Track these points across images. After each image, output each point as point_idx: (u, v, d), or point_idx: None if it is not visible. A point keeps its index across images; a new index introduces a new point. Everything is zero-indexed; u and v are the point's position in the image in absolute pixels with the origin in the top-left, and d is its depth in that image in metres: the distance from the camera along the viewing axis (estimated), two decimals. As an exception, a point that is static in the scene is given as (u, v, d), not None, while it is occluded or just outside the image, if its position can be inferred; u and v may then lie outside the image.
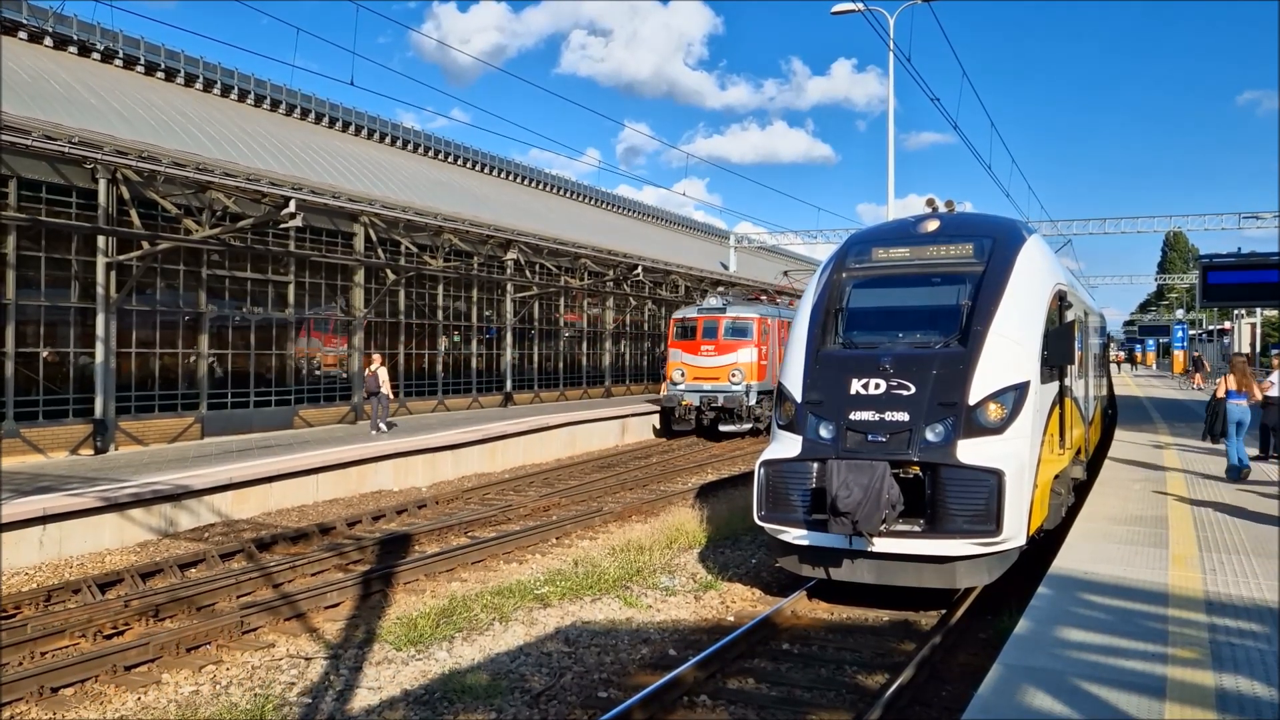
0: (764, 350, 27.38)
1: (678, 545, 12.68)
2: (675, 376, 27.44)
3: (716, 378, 26.78)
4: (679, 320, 28.44)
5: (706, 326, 27.51)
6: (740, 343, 27.04)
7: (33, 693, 7.54)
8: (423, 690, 7.58)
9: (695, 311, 28.34)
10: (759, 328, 27.28)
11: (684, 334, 27.93)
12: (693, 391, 26.97)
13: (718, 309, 27.88)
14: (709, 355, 27.02)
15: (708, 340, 27.32)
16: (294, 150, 26.00)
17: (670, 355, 28.34)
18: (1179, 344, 66.87)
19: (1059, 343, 10.01)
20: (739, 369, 26.63)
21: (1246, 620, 6.55)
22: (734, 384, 26.60)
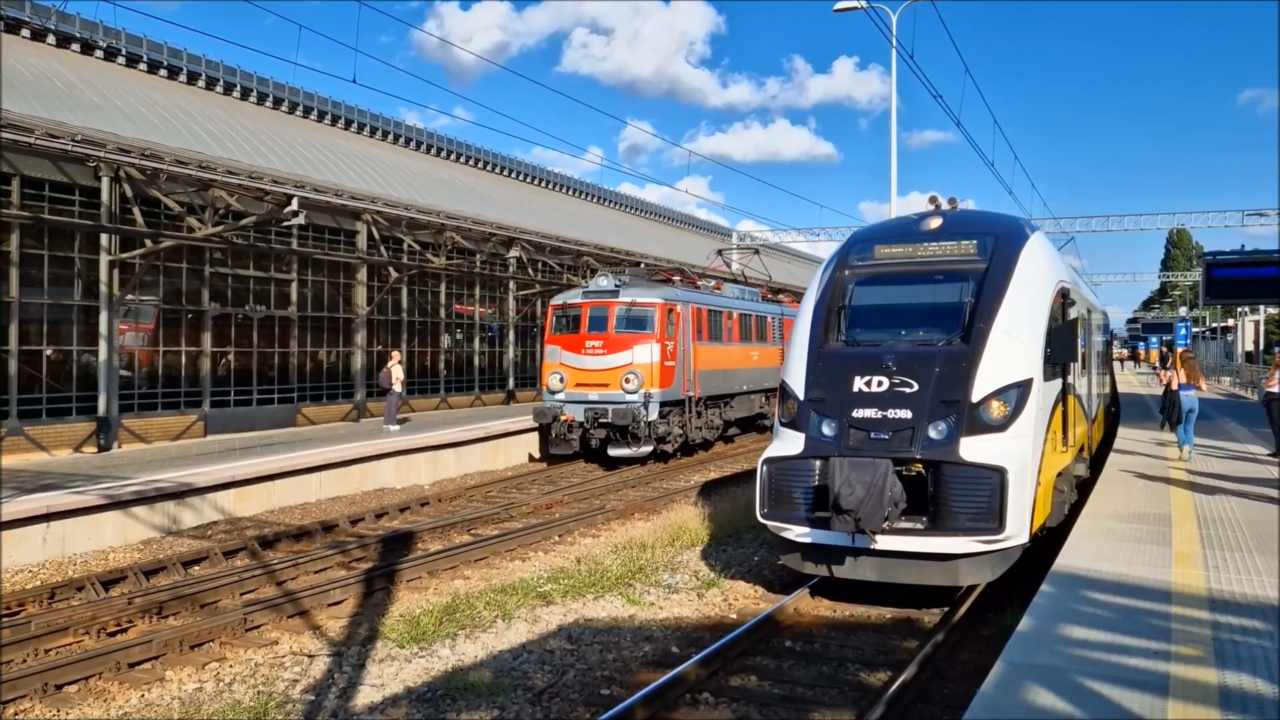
0: (671, 347, 20.83)
1: (680, 543, 12.68)
2: (553, 382, 20.79)
3: (605, 384, 20.25)
4: (559, 307, 21.57)
5: (594, 315, 20.87)
6: (638, 337, 20.34)
7: (37, 690, 7.56)
8: (426, 688, 7.58)
9: (579, 295, 21.45)
10: (662, 317, 20.57)
11: (565, 325, 21.30)
12: (575, 402, 20.48)
13: (608, 291, 20.96)
14: (596, 353, 20.47)
15: (595, 334, 20.69)
16: (296, 148, 26.01)
17: (546, 354, 21.52)
18: (1182, 341, 66.76)
19: (1062, 340, 9.99)
20: (635, 372, 20.03)
21: (1250, 618, 6.54)
22: (629, 392, 19.98)
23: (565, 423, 20.49)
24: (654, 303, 20.74)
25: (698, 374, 21.97)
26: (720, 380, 23.53)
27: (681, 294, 22.00)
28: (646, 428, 20.11)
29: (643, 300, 20.75)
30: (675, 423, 21.19)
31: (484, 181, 36.77)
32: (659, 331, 20.48)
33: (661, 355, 20.45)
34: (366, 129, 33.39)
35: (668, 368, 20.63)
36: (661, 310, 20.70)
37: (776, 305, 29.89)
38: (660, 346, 20.46)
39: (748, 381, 25.51)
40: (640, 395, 20.06)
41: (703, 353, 22.43)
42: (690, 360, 21.51)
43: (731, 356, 24.46)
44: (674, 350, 20.93)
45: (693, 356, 21.67)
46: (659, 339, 20.46)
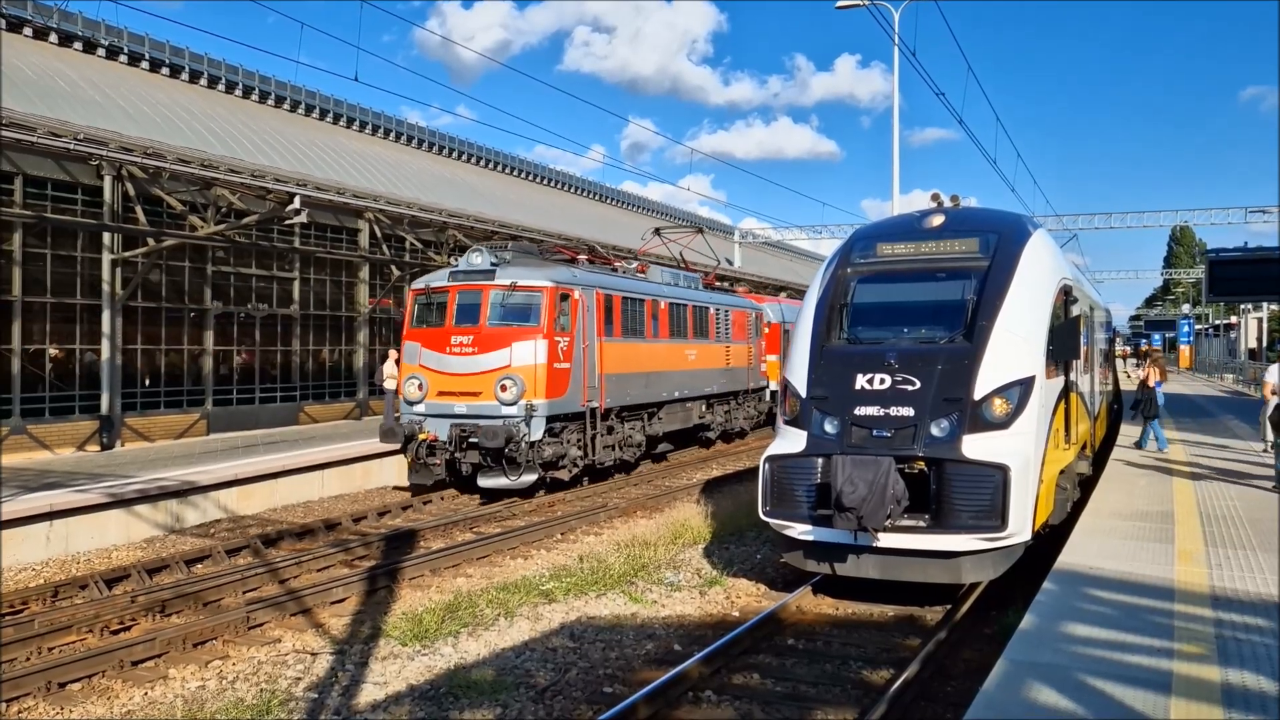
0: (565, 344, 16.19)
1: (683, 541, 12.68)
2: (410, 390, 16.08)
3: (476, 392, 15.64)
4: (421, 292, 16.83)
5: (463, 303, 16.20)
6: (519, 331, 15.74)
7: (40, 688, 7.57)
8: (428, 686, 7.59)
9: (445, 277, 16.67)
10: (551, 304, 15.86)
11: (428, 315, 16.66)
12: (438, 416, 15.86)
13: (481, 271, 16.30)
14: (464, 352, 15.84)
15: (464, 327, 16.01)
16: (298, 147, 26.03)
17: (404, 352, 16.71)
18: (1185, 339, 66.69)
19: (1064, 338, 9.98)
20: (513, 377, 15.41)
21: (1253, 615, 6.54)
22: (505, 403, 15.36)
23: (425, 443, 15.76)
24: (540, 286, 15.90)
25: (604, 379, 17.33)
26: (640, 386, 18.99)
27: (582, 276, 17.34)
28: (528, 450, 15.43)
29: (526, 283, 15.90)
30: (571, 442, 16.55)
31: (486, 180, 36.78)
32: (546, 323, 15.76)
33: (550, 354, 15.73)
34: (369, 127, 33.40)
35: (558, 371, 15.92)
36: (550, 296, 15.88)
37: (725, 295, 26.31)
38: (548, 343, 15.71)
39: (682, 387, 21.10)
40: (520, 407, 15.36)
41: (613, 351, 17.77)
42: (594, 361, 17.00)
43: (658, 356, 19.80)
44: (569, 348, 16.24)
45: (598, 356, 17.14)
46: (546, 333, 15.71)
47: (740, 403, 25.43)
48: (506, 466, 15.48)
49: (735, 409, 25.12)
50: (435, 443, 15.76)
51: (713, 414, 23.58)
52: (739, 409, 25.39)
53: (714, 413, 23.70)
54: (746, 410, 26.01)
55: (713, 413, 23.58)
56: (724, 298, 25.28)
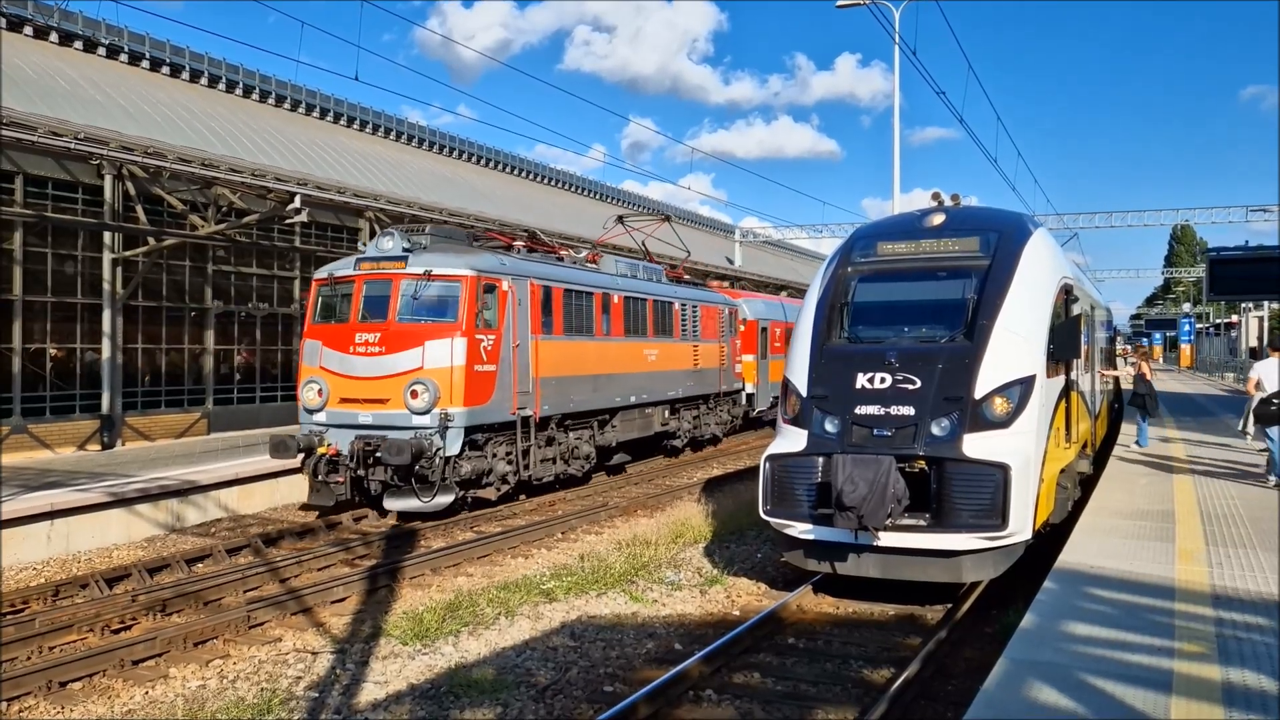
0: (490, 342, 14.08)
1: (683, 540, 12.68)
2: (309, 396, 14.05)
3: (383, 399, 13.58)
4: (324, 281, 14.64)
5: (370, 295, 14.12)
6: (434, 328, 13.64)
7: (41, 687, 7.57)
8: (429, 685, 7.59)
9: (350, 266, 14.52)
10: (471, 296, 13.78)
11: (332, 309, 14.46)
12: (341, 426, 13.77)
13: (392, 257, 14.18)
14: (370, 352, 13.68)
15: (370, 323, 13.92)
16: (299, 146, 26.03)
17: (304, 352, 14.56)
18: (1186, 338, 66.69)
19: (1065, 337, 9.98)
20: (426, 381, 13.36)
21: (1253, 615, 6.53)
22: (416, 411, 13.38)
23: (325, 458, 13.51)
24: (459, 275, 13.74)
25: (541, 383, 15.29)
26: (587, 391, 16.99)
27: (514, 264, 15.12)
28: (444, 466, 13.40)
29: (443, 271, 13.76)
30: (499, 455, 14.57)
31: (487, 179, 36.78)
32: (466, 318, 13.63)
33: (470, 354, 13.58)
34: (369, 126, 33.41)
35: (480, 374, 13.81)
36: (471, 286, 13.73)
37: (694, 289, 23.71)
38: (468, 342, 13.56)
39: (640, 390, 19.06)
40: (433, 416, 13.31)
41: (553, 351, 15.75)
42: (528, 362, 14.95)
43: (609, 357, 17.80)
44: (494, 347, 14.13)
45: (532, 357, 15.07)
46: (466, 330, 13.59)
47: (712, 407, 23.58)
48: (418, 485, 13.36)
49: (706, 414, 23.30)
50: (337, 457, 13.56)
51: (679, 420, 21.70)
52: (710, 414, 23.53)
53: (680, 419, 21.75)
54: (719, 415, 24.08)
55: (679, 419, 21.69)
56: (691, 291, 23.00)
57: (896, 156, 27.30)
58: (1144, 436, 16.62)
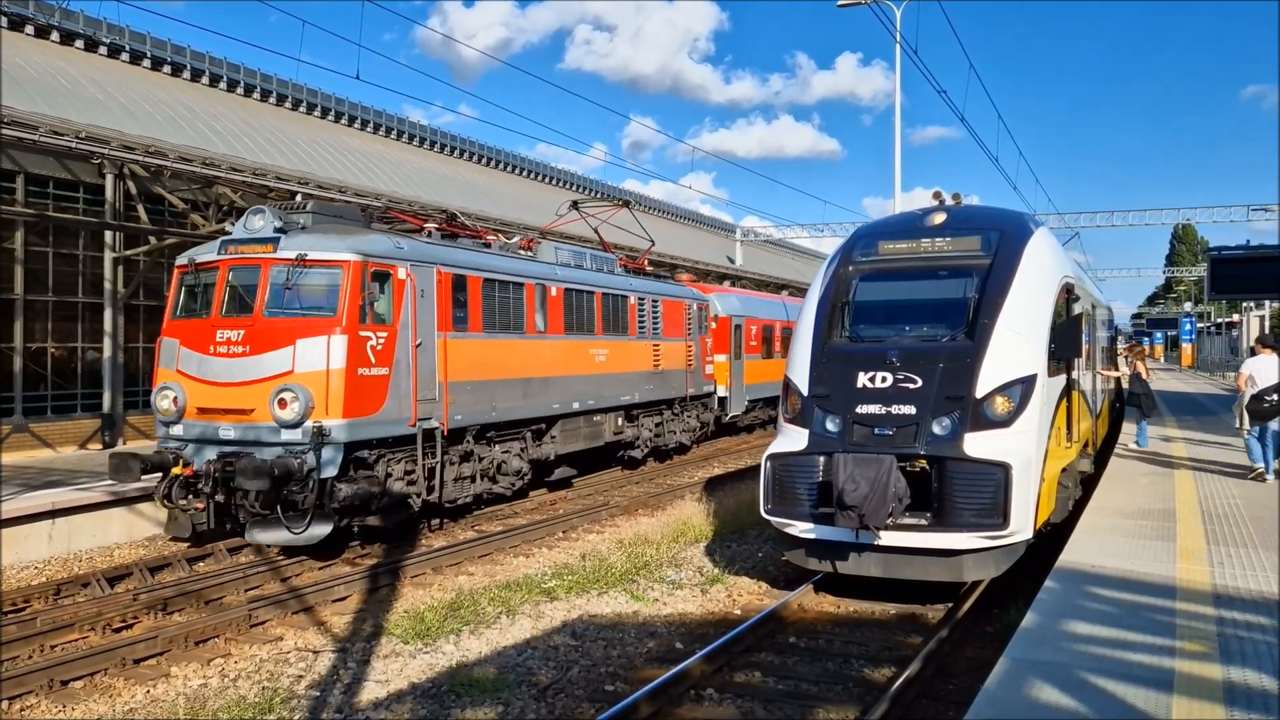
0: (381, 340, 11.75)
1: (684, 539, 12.68)
2: (164, 404, 11.68)
3: (247, 409, 11.26)
4: (186, 269, 12.27)
5: (235, 284, 11.84)
6: (309, 323, 11.31)
7: (42, 686, 7.58)
8: (430, 684, 7.60)
9: (214, 251, 12.10)
10: (355, 285, 11.47)
11: (193, 303, 12.14)
12: (202, 442, 11.48)
13: (262, 239, 11.81)
14: (232, 353, 11.42)
15: (234, 318, 11.65)
16: (300, 145, 26.04)
17: (161, 353, 12.20)
18: (1187, 337, 66.65)
19: (1066, 336, 9.98)
20: (297, 388, 11.05)
21: (1254, 614, 6.53)
22: (285, 424, 11.07)
23: (180, 480, 11.21)
24: (339, 259, 11.45)
25: (451, 387, 12.95)
26: (516, 397, 14.67)
27: (415, 248, 12.74)
28: (323, 489, 11.09)
29: (320, 255, 11.46)
30: (396, 475, 12.18)
31: (489, 178, 36.78)
32: (347, 312, 11.31)
33: (352, 355, 11.27)
34: (370, 125, 33.42)
35: (367, 379, 11.47)
36: (354, 273, 11.41)
37: (655, 281, 21.13)
38: (349, 340, 11.24)
39: (586, 396, 16.85)
40: (306, 430, 10.97)
41: (471, 351, 13.46)
42: (434, 364, 12.66)
43: (545, 357, 15.52)
44: (386, 346, 11.77)
45: (440, 357, 12.77)
46: (347, 326, 11.27)
47: (678, 412, 21.27)
48: (288, 514, 10.98)
49: (671, 420, 20.98)
50: (193, 479, 11.19)
51: (637, 428, 19.36)
52: (676, 420, 21.21)
53: (639, 426, 19.45)
54: (686, 421, 21.75)
55: (637, 426, 19.36)
56: (651, 284, 20.40)
57: (898, 155, 27.28)
58: (1143, 436, 16.63)
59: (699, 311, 22.52)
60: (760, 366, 26.46)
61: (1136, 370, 17.43)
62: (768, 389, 26.37)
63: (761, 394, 26.45)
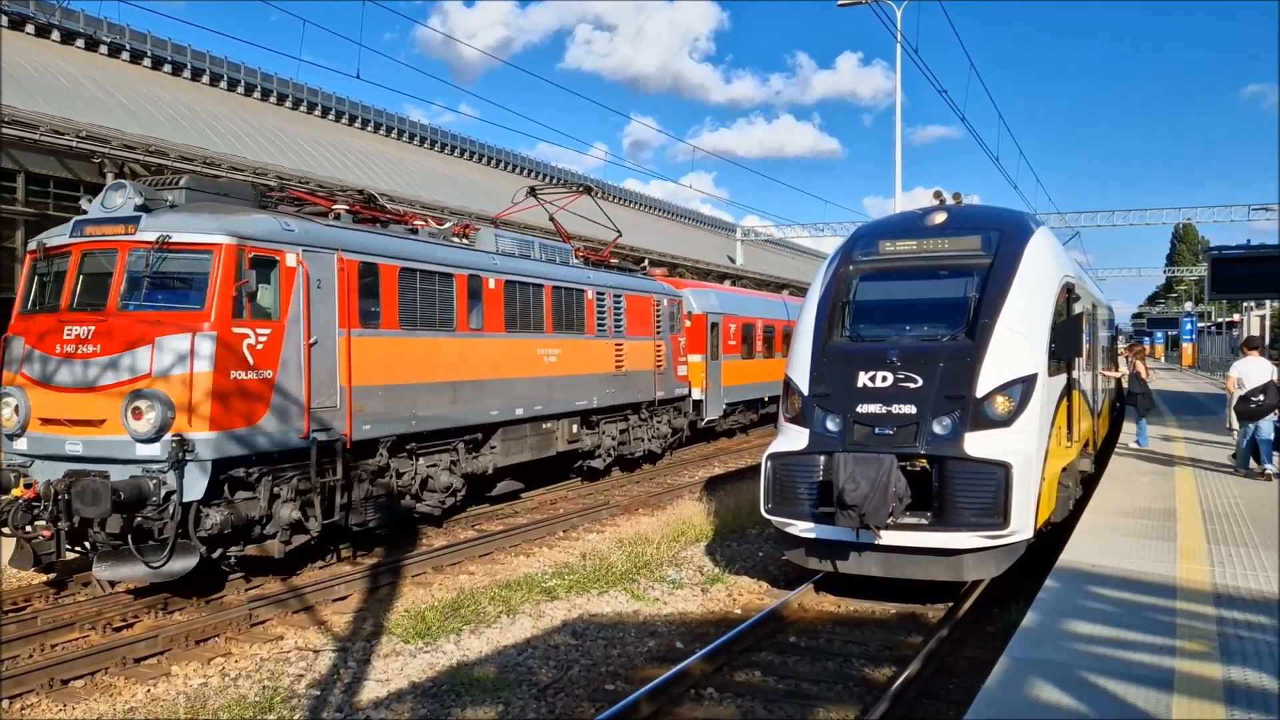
0: (262, 341, 10.05)
1: (685, 538, 12.69)
2: (5, 413, 9.94)
3: (97, 420, 9.44)
4: (38, 254, 10.45)
5: (87, 271, 10.07)
6: (171, 318, 9.57)
7: (43, 685, 7.58)
8: (430, 683, 7.60)
9: (66, 233, 10.31)
10: (229, 272, 9.72)
11: (44, 294, 10.34)
12: (47, 458, 9.71)
13: (120, 218, 9.98)
14: (82, 353, 9.57)
15: (85, 312, 9.80)
16: (301, 144, 26.04)
17: (5, 353, 10.21)
18: (1188, 336, 66.61)
19: (1067, 335, 9.98)
20: (153, 394, 9.27)
21: (1255, 613, 6.53)
22: (140, 438, 9.28)
23: (21, 503, 9.38)
24: (209, 242, 9.70)
25: (357, 392, 11.21)
26: (442, 402, 12.90)
27: (308, 231, 10.81)
28: (180, 516, 9.26)
29: (185, 238, 9.73)
30: (285, 497, 10.33)
31: (489, 177, 36.77)
32: (217, 304, 9.57)
33: (224, 355, 9.55)
34: (371, 125, 33.40)
35: (243, 384, 9.75)
36: (226, 259, 9.67)
37: (618, 275, 19.25)
38: (220, 337, 9.53)
39: (532, 400, 15.05)
40: (165, 445, 9.25)
41: (381, 351, 11.69)
42: (335, 366, 10.89)
43: (480, 357, 13.74)
44: (272, 345, 10.10)
45: (343, 358, 10.99)
46: (217, 320, 9.55)
47: (645, 418, 19.51)
48: (142, 545, 9.20)
49: (638, 426, 19.24)
50: (36, 502, 9.36)
51: (598, 435, 17.59)
52: (644, 426, 19.46)
53: (600, 433, 17.65)
54: (656, 427, 20.02)
55: (597, 433, 17.58)
56: (612, 278, 18.58)
57: (898, 155, 27.25)
58: (1143, 436, 16.64)
59: (671, 308, 20.78)
60: (740, 367, 25.29)
61: (1135, 370, 17.50)
62: (749, 391, 25.63)
63: (742, 396, 25.35)
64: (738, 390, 24.98)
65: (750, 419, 26.81)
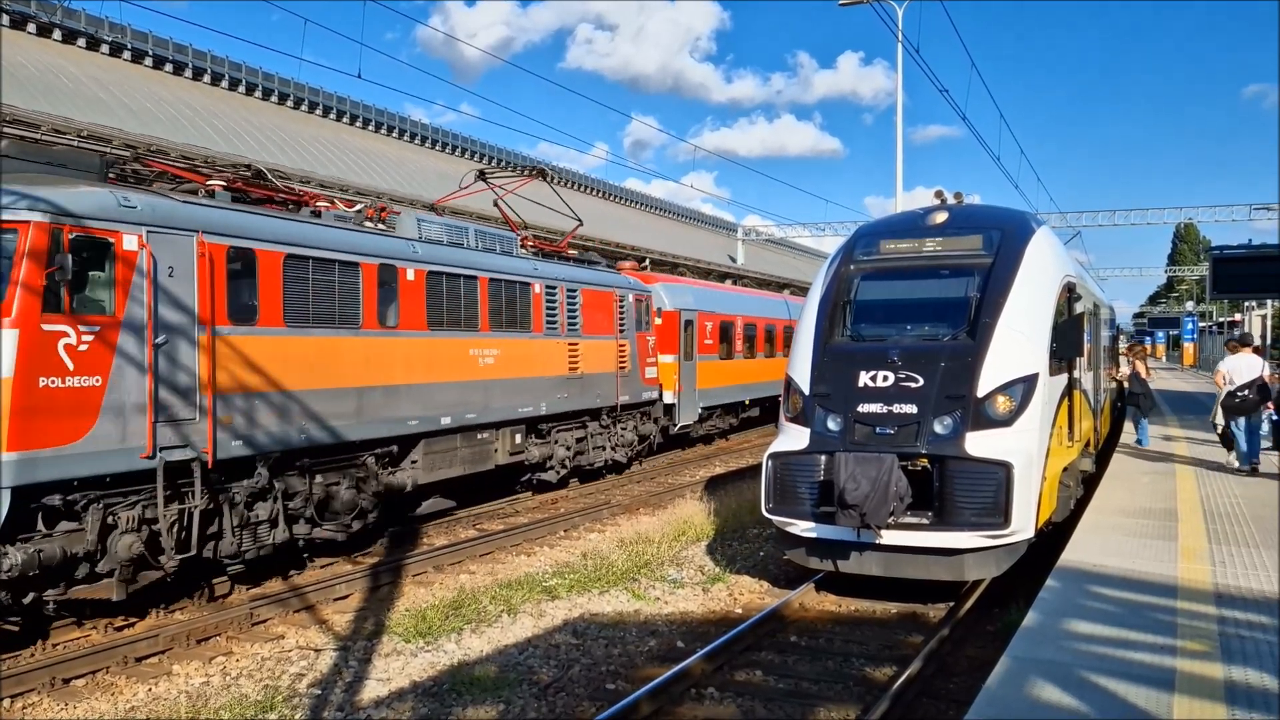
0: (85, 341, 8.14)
1: (685, 538, 12.69)
2: None
3: None
4: None
5: None
6: None
7: (44, 684, 7.58)
8: (431, 682, 7.60)
9: None
10: (39, 256, 7.86)
11: None
12: None
13: None
14: None
15: None
16: (302, 144, 26.05)
17: None
18: (1189, 336, 66.59)
19: (1068, 335, 9.98)
20: None
21: (1256, 613, 6.53)
22: None
23: None
24: (13, 221, 8.00)
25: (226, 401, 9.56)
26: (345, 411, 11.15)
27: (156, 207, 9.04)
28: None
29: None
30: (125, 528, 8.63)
31: (489, 177, 36.72)
32: (20, 296, 7.90)
33: (29, 357, 7.87)
34: (372, 124, 33.40)
35: (58, 393, 8.05)
36: (34, 239, 7.99)
37: (573, 267, 17.16)
38: (23, 335, 7.86)
39: (463, 407, 13.36)
40: None
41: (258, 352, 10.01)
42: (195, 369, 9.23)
43: (390, 359, 11.96)
44: (102, 344, 8.40)
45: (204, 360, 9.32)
46: (20, 316, 7.87)
47: (607, 425, 17.72)
48: None
49: (598, 434, 17.43)
50: None
51: (549, 445, 15.87)
52: (605, 434, 17.67)
53: (551, 443, 15.96)
54: (619, 435, 18.19)
55: (549, 443, 15.88)
56: (569, 270, 16.71)
57: (899, 155, 27.23)
58: (1144, 435, 16.66)
59: (637, 304, 18.72)
60: (717, 368, 23.39)
61: (1136, 370, 17.55)
62: (727, 394, 23.98)
63: (720, 400, 23.55)
64: (716, 393, 23.31)
65: (729, 423, 25.29)
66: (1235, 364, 13.46)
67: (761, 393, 25.72)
